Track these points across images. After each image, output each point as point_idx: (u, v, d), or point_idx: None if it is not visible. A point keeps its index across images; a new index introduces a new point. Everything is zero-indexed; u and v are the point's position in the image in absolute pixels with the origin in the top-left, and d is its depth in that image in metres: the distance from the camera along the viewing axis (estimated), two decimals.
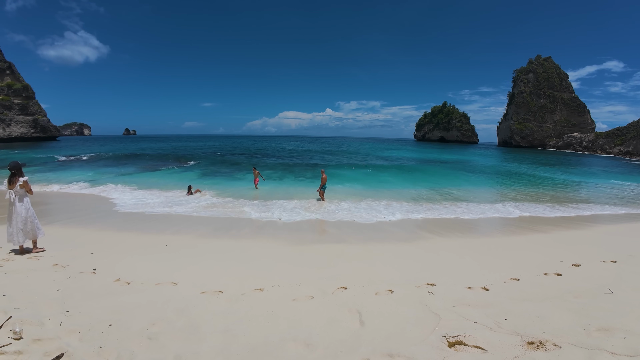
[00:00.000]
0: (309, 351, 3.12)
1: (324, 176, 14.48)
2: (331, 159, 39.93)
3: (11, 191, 6.27)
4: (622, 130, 78.83)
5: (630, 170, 37.69)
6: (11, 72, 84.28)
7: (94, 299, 4.21)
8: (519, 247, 7.83)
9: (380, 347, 3.14)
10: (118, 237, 8.25)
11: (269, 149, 59.23)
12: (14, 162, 6.46)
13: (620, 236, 9.18)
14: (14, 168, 6.35)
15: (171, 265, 5.96)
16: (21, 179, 6.33)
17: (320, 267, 6.07)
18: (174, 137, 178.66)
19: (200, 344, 3.22)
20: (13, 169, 6.34)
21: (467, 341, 3.20)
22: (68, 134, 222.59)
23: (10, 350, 2.95)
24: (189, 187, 15.44)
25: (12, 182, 6.28)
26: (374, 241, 8.33)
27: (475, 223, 10.82)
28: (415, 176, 24.40)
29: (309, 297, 4.44)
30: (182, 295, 4.43)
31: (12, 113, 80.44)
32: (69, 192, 15.80)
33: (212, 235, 8.68)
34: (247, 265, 6.14)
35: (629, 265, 5.94)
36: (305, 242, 8.19)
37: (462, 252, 7.31)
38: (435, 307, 4.03)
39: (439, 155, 52.85)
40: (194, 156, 37.97)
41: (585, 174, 30.68)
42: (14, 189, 6.28)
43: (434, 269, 5.88)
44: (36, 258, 6.06)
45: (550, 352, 2.99)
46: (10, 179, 6.31)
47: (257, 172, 17.88)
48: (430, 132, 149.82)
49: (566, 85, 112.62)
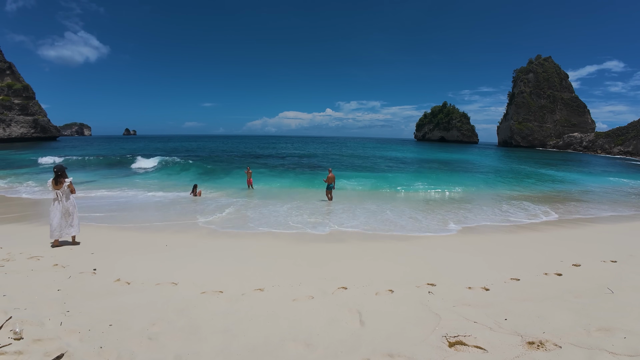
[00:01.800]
0: (309, 351, 3.12)
1: (330, 175, 14.09)
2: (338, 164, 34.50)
3: (58, 191, 7.01)
4: (622, 130, 78.86)
5: (630, 170, 37.69)
6: (11, 73, 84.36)
7: (94, 299, 4.21)
8: (519, 246, 7.83)
9: (381, 347, 3.14)
10: (118, 236, 8.25)
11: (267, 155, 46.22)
12: (59, 165, 7.35)
13: (620, 236, 9.17)
14: (60, 170, 7.12)
15: (171, 265, 5.96)
16: (67, 180, 7.11)
17: (320, 267, 6.07)
18: (175, 137, 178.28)
19: (201, 344, 3.21)
20: (59, 171, 7.10)
21: (467, 341, 3.20)
22: (68, 134, 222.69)
23: (11, 351, 2.95)
24: (194, 187, 15.24)
25: (58, 183, 7.02)
26: (374, 241, 8.33)
27: (476, 222, 10.81)
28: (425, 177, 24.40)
29: (309, 297, 4.44)
30: (182, 295, 4.43)
31: (12, 113, 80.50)
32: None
33: (212, 235, 8.69)
34: (247, 265, 6.13)
35: (629, 265, 5.94)
36: (305, 242, 8.19)
37: (462, 252, 7.31)
38: (436, 307, 4.02)
39: (450, 156, 52.55)
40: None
41: (585, 174, 30.71)
42: (61, 189, 7.03)
43: (434, 269, 5.88)
44: (36, 258, 6.06)
45: (551, 352, 2.99)
46: (57, 180, 7.03)
47: (251, 172, 17.88)
48: (430, 132, 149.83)
49: (566, 85, 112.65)
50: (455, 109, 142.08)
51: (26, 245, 6.99)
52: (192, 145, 70.65)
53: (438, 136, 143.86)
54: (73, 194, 7.26)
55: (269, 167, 29.60)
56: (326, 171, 15.22)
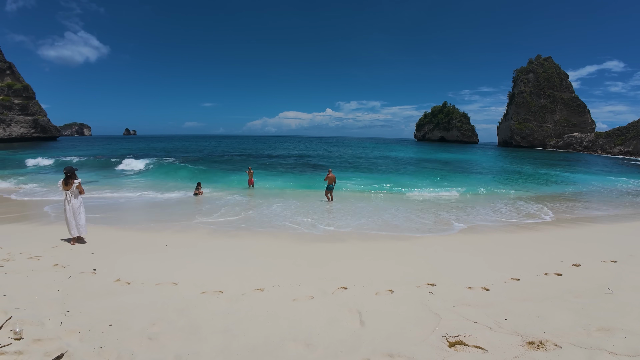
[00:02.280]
0: (309, 351, 3.12)
1: (330, 175, 13.96)
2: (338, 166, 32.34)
3: (68, 192, 7.17)
4: (622, 130, 78.89)
5: (630, 169, 37.69)
6: (11, 73, 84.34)
7: (94, 299, 4.21)
8: (519, 246, 7.83)
9: (381, 347, 3.14)
10: (118, 236, 8.24)
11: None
12: (69, 166, 7.41)
13: (620, 236, 9.16)
14: (70, 172, 7.24)
15: (171, 265, 5.96)
16: (76, 181, 7.26)
17: (320, 267, 6.07)
18: (175, 137, 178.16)
19: (201, 344, 3.22)
20: (69, 172, 7.22)
21: (467, 341, 3.20)
22: (68, 134, 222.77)
23: (11, 351, 2.95)
24: (198, 184, 15.28)
25: (68, 184, 7.17)
26: (374, 241, 8.33)
27: (476, 223, 10.80)
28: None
29: (309, 297, 4.44)
30: (183, 295, 4.43)
31: (13, 113, 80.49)
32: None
33: (212, 235, 8.69)
34: (247, 265, 6.13)
35: (629, 265, 5.94)
36: (305, 242, 8.19)
37: (463, 252, 7.31)
38: (436, 307, 4.02)
39: (450, 156, 52.56)
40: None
41: (585, 173, 30.70)
42: (70, 189, 7.18)
43: (434, 269, 5.88)
44: (36, 258, 6.06)
45: (551, 352, 2.99)
46: (67, 180, 7.18)
47: (252, 172, 17.91)
48: (430, 132, 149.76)
49: (566, 85, 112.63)
50: (455, 109, 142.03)
51: (26, 245, 6.98)
52: (192, 145, 70.66)
53: (438, 136, 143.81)
54: (82, 195, 7.45)
55: (269, 167, 29.61)
56: (326, 171, 15.21)
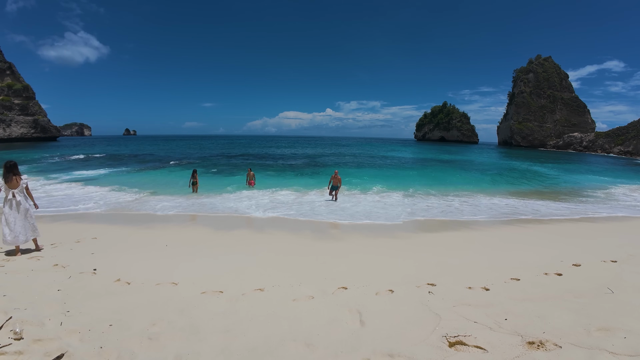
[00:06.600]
0: (310, 351, 3.12)
1: (337, 177, 13.99)
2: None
3: (14, 190, 6.01)
4: (622, 130, 78.87)
5: (630, 169, 37.68)
6: (11, 73, 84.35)
7: (94, 299, 4.21)
8: (519, 246, 7.83)
9: (381, 347, 3.14)
10: (118, 236, 8.24)
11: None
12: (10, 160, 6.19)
13: (620, 236, 9.17)
14: (13, 166, 6.06)
15: (171, 265, 5.96)
16: (24, 177, 6.16)
17: (320, 266, 6.07)
18: (175, 137, 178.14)
19: (201, 344, 3.22)
20: (11, 166, 6.04)
21: (467, 341, 3.20)
22: (68, 134, 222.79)
23: (11, 351, 2.95)
24: (194, 172, 15.80)
25: (10, 180, 5.96)
26: (375, 240, 8.33)
27: (476, 222, 10.81)
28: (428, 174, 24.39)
29: (309, 297, 4.44)
30: (183, 296, 4.43)
31: (13, 113, 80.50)
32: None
33: (212, 235, 8.69)
34: (247, 265, 6.13)
35: (629, 265, 5.94)
36: (305, 242, 8.19)
37: (463, 251, 7.31)
38: (436, 307, 4.02)
39: (450, 156, 52.62)
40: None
41: (585, 172, 30.70)
42: (17, 187, 6.03)
43: (434, 268, 5.88)
44: (36, 258, 6.06)
45: (551, 352, 2.99)
46: (8, 176, 5.96)
47: (253, 173, 17.90)
48: (430, 132, 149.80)
49: (566, 85, 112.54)
50: (455, 109, 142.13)
51: (26, 245, 6.98)
52: (192, 145, 70.54)
53: (438, 136, 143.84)
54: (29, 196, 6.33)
55: (269, 167, 29.60)
56: (328, 170, 15.21)
